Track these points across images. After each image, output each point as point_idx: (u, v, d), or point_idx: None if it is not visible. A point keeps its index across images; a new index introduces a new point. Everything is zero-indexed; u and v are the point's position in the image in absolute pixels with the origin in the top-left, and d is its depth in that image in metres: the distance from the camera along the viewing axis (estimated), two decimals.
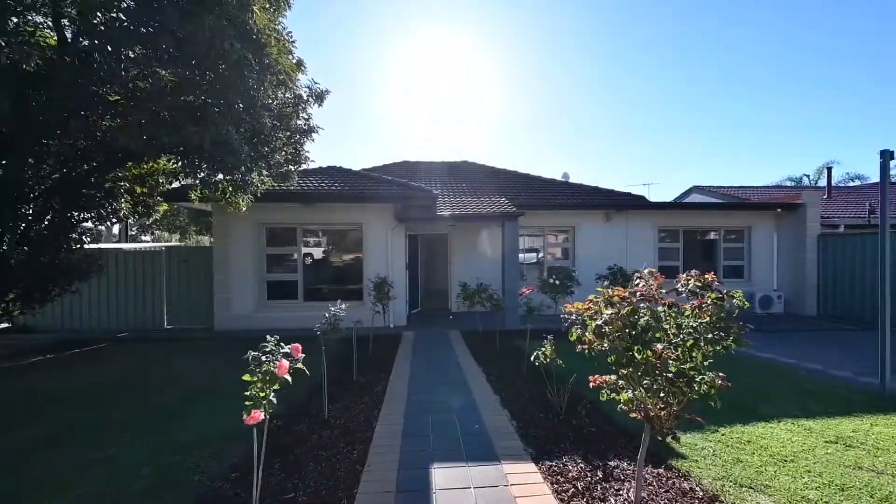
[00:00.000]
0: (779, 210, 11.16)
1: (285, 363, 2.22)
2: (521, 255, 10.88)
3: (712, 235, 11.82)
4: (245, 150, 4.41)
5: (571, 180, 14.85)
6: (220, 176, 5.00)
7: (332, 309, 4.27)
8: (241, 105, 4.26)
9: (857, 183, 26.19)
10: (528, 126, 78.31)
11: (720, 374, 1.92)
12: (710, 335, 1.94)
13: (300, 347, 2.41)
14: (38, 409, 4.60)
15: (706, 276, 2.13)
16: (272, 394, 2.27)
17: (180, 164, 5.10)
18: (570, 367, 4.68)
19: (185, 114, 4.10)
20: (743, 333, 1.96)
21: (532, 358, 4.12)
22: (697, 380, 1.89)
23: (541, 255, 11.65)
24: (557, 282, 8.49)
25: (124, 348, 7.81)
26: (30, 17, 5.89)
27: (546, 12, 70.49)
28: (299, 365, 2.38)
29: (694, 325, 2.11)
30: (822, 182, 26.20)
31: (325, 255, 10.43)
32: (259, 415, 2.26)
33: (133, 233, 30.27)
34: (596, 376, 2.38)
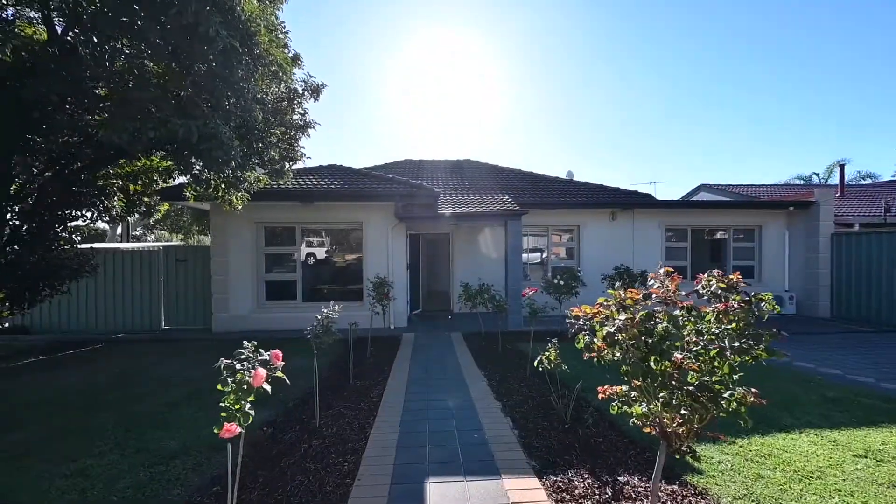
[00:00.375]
0: (791, 208, 10.83)
1: (262, 372, 2.01)
2: (524, 255, 10.64)
3: (721, 235, 11.52)
4: (235, 144, 4.22)
5: (576, 179, 14.57)
6: (212, 172, 4.81)
7: (325, 310, 4.07)
8: (229, 97, 4.07)
9: (869, 181, 25.69)
10: (532, 124, 77.94)
11: (751, 388, 1.69)
12: (737, 343, 1.71)
13: (280, 354, 2.21)
14: (23, 412, 4.44)
15: (731, 277, 1.90)
16: (248, 405, 2.06)
17: (171, 160, 4.90)
18: (576, 372, 4.46)
19: (171, 107, 3.92)
20: (774, 343, 1.73)
21: (535, 363, 3.89)
22: (725, 395, 1.66)
23: (545, 254, 11.41)
24: (562, 282, 8.25)
25: (119, 349, 7.66)
26: (23, 13, 5.76)
27: (549, 5, 70.11)
28: (278, 373, 2.17)
29: (716, 332, 1.88)
30: (833, 180, 25.72)
31: (324, 254, 10.26)
32: (234, 428, 2.06)
33: (137, 233, 30.32)
34: (606, 387, 2.15)
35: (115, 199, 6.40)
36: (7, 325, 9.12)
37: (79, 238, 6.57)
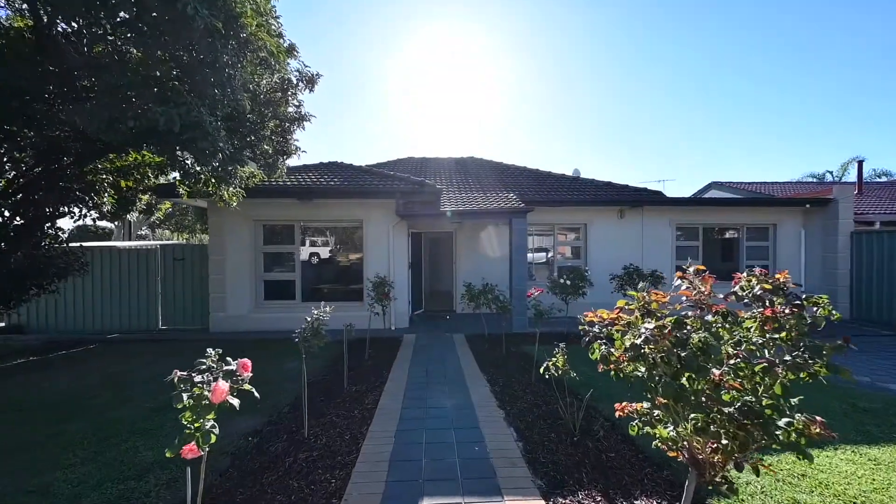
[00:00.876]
0: (807, 206, 10.40)
1: (223, 386, 1.74)
2: (529, 255, 10.31)
3: (732, 234, 11.11)
4: (222, 135, 3.96)
5: (583, 176, 14.20)
6: (201, 166, 4.56)
7: (315, 312, 3.80)
8: (214, 84, 3.81)
9: (885, 179, 25.00)
10: (538, 123, 77.45)
11: (815, 416, 1.39)
12: (788, 357, 1.41)
13: (249, 364, 1.93)
14: (8, 416, 4.23)
15: (777, 276, 1.59)
16: (210, 423, 1.79)
17: (156, 152, 4.65)
18: (585, 378, 4.17)
19: (153, 94, 3.67)
20: (837, 357, 1.42)
21: (542, 370, 3.60)
22: (781, 423, 1.35)
23: (550, 254, 11.07)
24: (569, 282, 7.92)
25: (113, 350, 7.46)
26: (14, 4, 5.56)
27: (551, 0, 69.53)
28: (246, 386, 1.90)
29: (758, 342, 1.57)
30: (847, 178, 25.05)
31: (325, 254, 10.01)
32: (196, 449, 1.79)
33: (143, 232, 30.33)
34: (624, 404, 1.86)
35: (106, 195, 6.19)
36: (3, 324, 8.99)
37: (65, 235, 6.34)
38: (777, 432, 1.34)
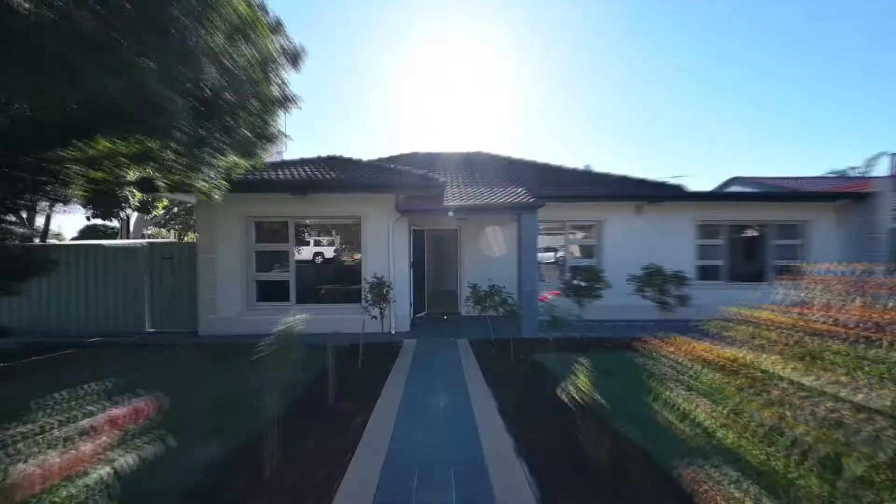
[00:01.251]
0: (844, 200, 9.55)
1: (44, 469, 1.09)
2: (539, 255, 9.62)
3: (753, 232, 10.29)
4: (179, 104, 3.35)
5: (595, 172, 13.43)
6: (164, 148, 3.97)
7: (288, 319, 3.17)
8: (169, 51, 3.20)
9: None
10: (549, 119, 76.53)
11: None
12: None
13: (149, 407, 1.29)
14: None
15: None
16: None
17: (104, 131, 4.05)
18: (606, 392, 3.50)
19: (85, 57, 3.04)
20: None
21: (559, 392, 2.92)
22: None
23: (560, 253, 10.36)
24: (584, 283, 7.22)
25: (91, 355, 6.92)
26: None
27: None
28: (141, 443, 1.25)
29: None
30: (874, 174, 23.86)
31: (321, 252, 9.44)
32: None
33: (149, 231, 30.16)
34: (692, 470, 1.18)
35: (73, 186, 5.62)
36: None
37: (20, 231, 5.80)
38: None
